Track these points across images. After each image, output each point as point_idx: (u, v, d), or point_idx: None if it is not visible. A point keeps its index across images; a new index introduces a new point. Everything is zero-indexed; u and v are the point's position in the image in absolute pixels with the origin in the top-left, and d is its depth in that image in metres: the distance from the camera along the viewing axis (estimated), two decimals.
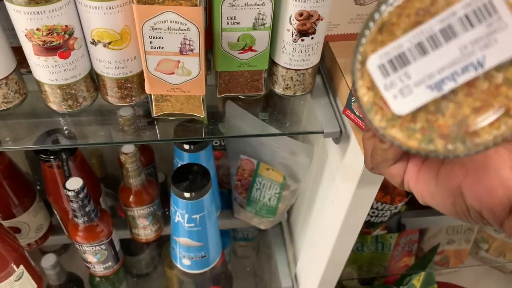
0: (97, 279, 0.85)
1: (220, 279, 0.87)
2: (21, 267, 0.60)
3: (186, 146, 0.63)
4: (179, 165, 0.66)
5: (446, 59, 0.21)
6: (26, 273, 0.61)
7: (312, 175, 0.67)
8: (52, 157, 0.58)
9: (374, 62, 0.22)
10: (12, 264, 0.58)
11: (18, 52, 0.42)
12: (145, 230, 0.71)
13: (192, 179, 0.58)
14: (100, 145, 0.56)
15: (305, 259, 0.73)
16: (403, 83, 0.22)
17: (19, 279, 0.60)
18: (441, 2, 0.20)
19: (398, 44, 0.21)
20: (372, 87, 0.23)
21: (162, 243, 0.87)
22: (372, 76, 0.22)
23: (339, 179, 0.52)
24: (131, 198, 0.65)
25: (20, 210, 0.64)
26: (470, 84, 0.21)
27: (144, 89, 0.45)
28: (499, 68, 0.20)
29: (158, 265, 0.90)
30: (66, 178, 0.60)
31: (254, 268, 0.98)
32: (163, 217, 0.74)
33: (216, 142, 0.75)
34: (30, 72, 0.43)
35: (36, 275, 0.65)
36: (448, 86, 0.21)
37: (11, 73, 0.42)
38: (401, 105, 0.22)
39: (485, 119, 0.21)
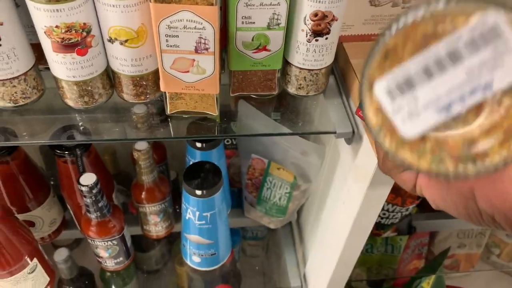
0: (108, 274, 0.86)
1: (229, 278, 0.87)
2: (35, 260, 0.61)
3: (198, 144, 0.63)
4: (191, 163, 0.66)
5: (454, 82, 0.21)
6: (39, 266, 0.62)
7: (323, 175, 0.67)
8: (67, 152, 0.59)
9: (381, 87, 0.22)
10: (26, 257, 0.59)
11: (36, 49, 0.43)
12: (156, 227, 0.72)
13: (203, 177, 0.59)
14: (114, 141, 0.57)
15: (315, 259, 0.73)
16: (411, 106, 0.22)
17: (32, 272, 0.61)
18: (446, 26, 0.20)
19: (405, 68, 0.21)
20: (380, 110, 0.23)
21: (173, 240, 0.88)
22: (379, 101, 0.22)
23: (350, 179, 0.52)
24: (143, 195, 0.66)
25: (35, 204, 0.65)
26: (478, 106, 0.21)
27: (158, 87, 0.46)
28: (507, 90, 0.20)
29: (168, 261, 0.91)
30: (80, 173, 0.61)
31: (263, 267, 0.98)
32: (174, 214, 0.75)
33: (227, 141, 0.75)
34: (47, 68, 0.44)
35: (49, 268, 0.66)
36: (457, 109, 0.21)
37: (30, 69, 0.43)
38: (410, 129, 0.22)
39: (495, 140, 0.21)
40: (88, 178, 0.56)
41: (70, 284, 0.80)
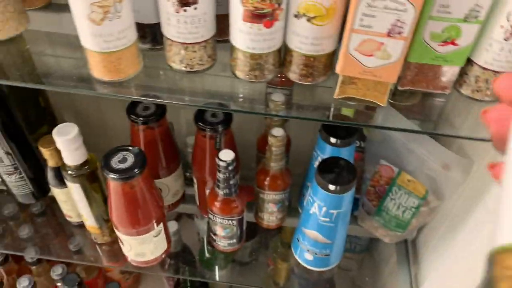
0: (207, 255, 0.88)
1: (324, 284, 0.85)
2: (161, 225, 0.64)
3: (333, 140, 0.61)
4: (319, 157, 0.65)
5: None
6: (163, 232, 0.65)
7: (462, 194, 0.62)
8: (209, 127, 0.61)
9: None
10: (155, 221, 0.62)
11: (218, 21, 0.44)
12: (271, 216, 0.71)
13: (338, 172, 0.57)
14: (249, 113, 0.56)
15: (434, 286, 0.67)
16: None
17: (157, 236, 0.64)
18: None
19: None
20: None
21: (273, 234, 0.87)
22: None
23: None
24: (267, 181, 0.66)
25: (166, 173, 0.69)
26: None
27: (327, 71, 0.45)
28: None
29: (261, 255, 0.90)
30: (216, 149, 0.63)
31: (360, 282, 0.94)
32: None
33: (356, 143, 0.72)
34: (220, 41, 0.45)
35: (168, 236, 0.69)
36: None
37: (211, 38, 0.44)
38: None
39: None
40: (227, 155, 0.57)
41: (174, 257, 0.82)
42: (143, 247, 0.64)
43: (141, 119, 0.61)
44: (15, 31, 0.48)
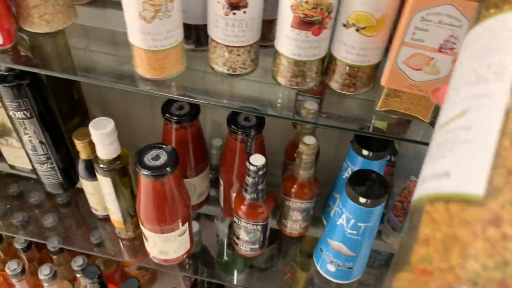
0: (226, 258, 0.88)
1: None
2: (186, 225, 0.64)
3: (365, 152, 0.61)
4: (348, 169, 0.64)
5: None
6: (187, 232, 0.65)
7: None
8: (241, 131, 0.61)
9: None
10: (180, 220, 0.62)
11: (263, 26, 0.44)
12: (294, 224, 0.71)
13: (369, 185, 0.56)
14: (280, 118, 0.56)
15: None
16: None
17: (181, 235, 0.64)
18: None
19: None
20: None
21: (293, 242, 0.86)
22: None
23: None
24: (294, 189, 0.66)
25: (193, 173, 0.69)
26: None
27: (370, 82, 0.44)
28: None
29: (284, 261, 0.89)
30: (246, 153, 0.63)
31: None
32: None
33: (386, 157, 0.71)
34: (262, 47, 0.45)
35: (192, 236, 0.69)
36: None
37: (255, 42, 0.44)
38: None
39: None
40: (258, 159, 0.57)
41: (193, 257, 0.82)
42: (167, 245, 0.64)
43: (175, 118, 0.61)
44: (63, 24, 0.49)
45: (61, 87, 0.74)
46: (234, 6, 0.40)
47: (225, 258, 0.87)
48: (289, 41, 0.41)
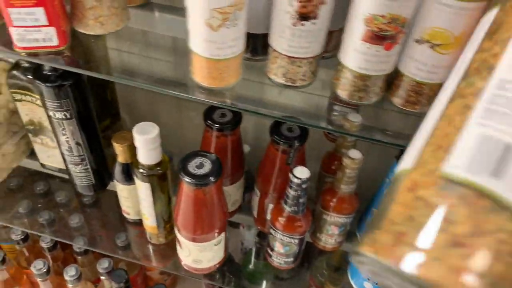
0: (251, 267, 0.87)
1: None
2: (222, 234, 0.62)
3: None
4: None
5: None
6: (223, 242, 0.64)
7: None
8: (283, 141, 0.59)
9: None
10: (217, 230, 0.60)
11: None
12: (330, 238, 0.69)
13: None
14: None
15: None
16: None
17: (217, 245, 0.63)
18: None
19: None
20: None
21: (321, 254, 0.84)
22: None
23: None
24: (333, 202, 0.64)
25: (229, 181, 0.67)
26: None
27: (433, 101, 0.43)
28: None
29: (309, 272, 0.87)
30: (287, 164, 0.61)
31: None
32: None
33: None
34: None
35: (227, 246, 0.67)
36: None
37: (318, 55, 0.43)
38: None
39: None
40: (303, 172, 0.56)
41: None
42: (202, 254, 0.62)
43: (217, 125, 0.60)
44: (116, 27, 0.48)
45: (98, 88, 0.73)
46: (304, 17, 0.38)
47: (251, 267, 0.86)
48: (357, 55, 0.40)
